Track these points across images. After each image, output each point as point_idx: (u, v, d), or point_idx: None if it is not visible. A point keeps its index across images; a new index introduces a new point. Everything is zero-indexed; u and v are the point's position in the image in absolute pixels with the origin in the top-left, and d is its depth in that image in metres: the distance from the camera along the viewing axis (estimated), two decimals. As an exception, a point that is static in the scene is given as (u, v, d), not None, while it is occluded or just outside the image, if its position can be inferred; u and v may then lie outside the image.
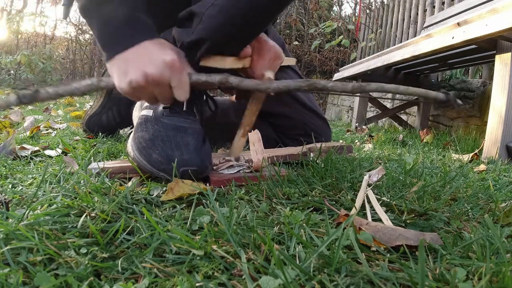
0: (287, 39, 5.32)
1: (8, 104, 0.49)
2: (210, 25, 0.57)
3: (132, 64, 0.55)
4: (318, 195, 0.55)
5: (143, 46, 0.56)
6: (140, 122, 0.67)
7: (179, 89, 0.57)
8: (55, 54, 6.80)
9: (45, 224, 0.37)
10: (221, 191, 0.55)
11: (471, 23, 1.11)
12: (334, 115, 3.99)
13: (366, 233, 0.39)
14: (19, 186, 0.55)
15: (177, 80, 0.56)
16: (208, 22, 0.57)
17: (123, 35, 0.56)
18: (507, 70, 1.12)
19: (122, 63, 0.56)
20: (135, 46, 0.55)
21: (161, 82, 0.55)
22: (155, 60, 0.54)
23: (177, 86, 0.57)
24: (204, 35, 0.58)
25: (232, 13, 0.56)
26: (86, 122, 1.07)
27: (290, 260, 0.30)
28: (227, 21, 0.56)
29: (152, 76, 0.54)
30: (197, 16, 0.58)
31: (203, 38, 0.58)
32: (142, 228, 0.39)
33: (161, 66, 0.54)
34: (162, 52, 0.55)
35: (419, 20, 2.95)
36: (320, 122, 0.92)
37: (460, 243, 0.40)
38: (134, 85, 0.55)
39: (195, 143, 0.61)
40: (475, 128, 1.84)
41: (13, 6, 7.14)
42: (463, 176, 0.78)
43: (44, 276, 0.29)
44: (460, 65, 1.96)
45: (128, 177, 0.61)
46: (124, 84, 0.55)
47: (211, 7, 0.57)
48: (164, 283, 0.30)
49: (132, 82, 0.55)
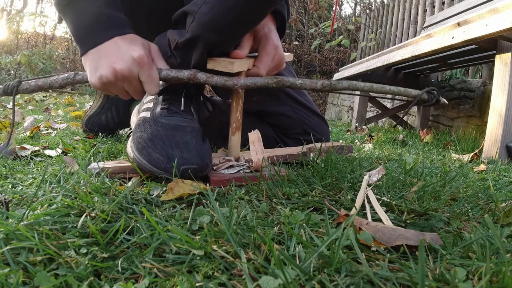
0: (287, 39, 5.32)
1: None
2: (203, 22, 0.57)
3: (103, 60, 0.57)
4: (318, 195, 0.55)
5: (114, 42, 0.58)
6: (138, 123, 0.67)
7: (148, 84, 0.59)
8: (55, 54, 6.80)
9: (45, 224, 0.37)
10: (221, 191, 0.55)
11: (471, 23, 1.11)
12: (334, 115, 3.99)
13: (366, 233, 0.39)
14: (19, 186, 0.55)
15: (146, 75, 0.58)
16: (200, 19, 0.58)
17: (95, 31, 0.58)
18: (507, 70, 1.12)
19: (93, 58, 0.58)
20: (106, 42, 0.58)
21: (130, 77, 0.58)
22: (124, 56, 0.57)
23: (146, 81, 0.59)
24: (198, 33, 0.58)
25: (224, 8, 0.56)
26: (86, 122, 1.07)
27: (290, 260, 0.30)
28: (219, 18, 0.57)
29: (121, 72, 0.57)
30: (190, 15, 0.59)
31: (197, 36, 0.58)
32: (142, 228, 0.39)
33: (129, 61, 0.57)
34: (131, 48, 0.57)
35: (419, 20, 2.95)
36: (317, 120, 0.92)
37: (460, 243, 0.40)
38: (104, 80, 0.58)
39: (195, 142, 0.61)
40: (475, 128, 1.84)
41: (13, 6, 7.15)
42: (463, 176, 0.78)
43: (44, 276, 0.29)
44: (460, 65, 1.96)
45: (128, 177, 0.61)
46: (95, 79, 0.58)
47: (203, 4, 0.57)
48: (164, 283, 0.30)
49: (102, 78, 0.57)
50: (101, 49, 0.58)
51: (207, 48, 0.60)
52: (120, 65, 0.56)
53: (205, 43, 0.59)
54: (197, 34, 0.58)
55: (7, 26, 6.25)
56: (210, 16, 0.57)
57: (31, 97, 3.40)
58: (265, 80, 0.59)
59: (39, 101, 3.10)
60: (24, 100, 2.91)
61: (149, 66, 0.58)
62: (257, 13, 0.59)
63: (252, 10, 0.58)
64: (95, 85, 0.59)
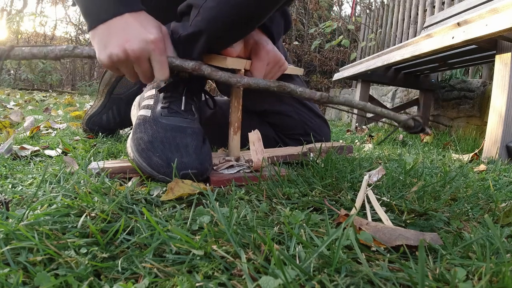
0: (287, 39, 5.33)
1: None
2: (208, 17, 0.57)
3: (113, 37, 0.55)
4: (318, 195, 0.55)
5: (125, 19, 0.56)
6: (138, 123, 0.66)
7: (159, 69, 0.58)
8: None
9: (45, 224, 0.37)
10: (221, 191, 0.55)
11: (471, 23, 1.11)
12: (334, 115, 3.99)
13: (366, 233, 0.39)
14: (19, 186, 0.55)
15: (158, 59, 0.57)
16: (206, 13, 0.57)
17: (105, 5, 0.56)
18: (507, 70, 1.12)
19: (104, 35, 0.56)
20: (116, 18, 0.55)
21: (141, 59, 0.56)
22: (138, 36, 0.55)
23: (157, 65, 0.57)
24: (201, 27, 0.58)
25: (230, 5, 0.56)
26: (86, 122, 1.07)
27: (290, 260, 0.30)
28: (225, 13, 0.56)
29: (133, 53, 0.55)
30: (195, 8, 0.58)
31: (201, 30, 0.58)
32: (142, 228, 0.39)
33: (143, 43, 0.55)
34: (146, 29, 0.55)
35: (419, 20, 2.95)
36: (319, 121, 0.92)
37: (460, 243, 0.40)
38: (115, 58, 0.55)
39: (195, 144, 0.61)
40: (475, 128, 1.84)
41: (13, 6, 7.15)
42: (463, 176, 0.78)
43: (44, 276, 0.29)
44: (460, 65, 1.96)
45: (128, 177, 0.61)
46: (104, 57, 0.56)
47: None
48: (164, 283, 0.30)
49: (112, 56, 0.55)
50: (112, 25, 0.55)
51: (209, 44, 0.60)
52: (133, 45, 0.54)
53: (208, 38, 0.59)
54: (201, 28, 0.58)
55: (7, 26, 6.25)
56: (216, 12, 0.56)
57: (31, 97, 3.40)
58: (267, 82, 0.59)
59: (39, 101, 3.10)
60: (24, 100, 2.91)
61: (161, 50, 0.56)
62: (263, 9, 0.59)
63: (260, 6, 0.57)
64: (103, 63, 0.57)
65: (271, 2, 0.58)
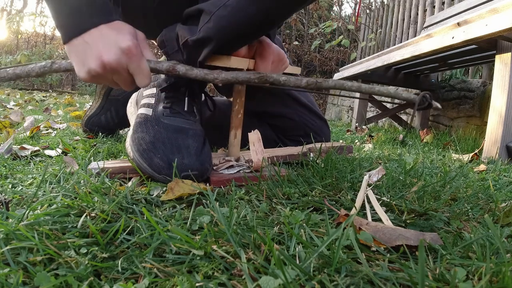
0: (287, 39, 5.33)
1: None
2: (219, 25, 0.57)
3: (88, 51, 0.54)
4: (318, 195, 0.55)
5: (99, 31, 0.54)
6: (139, 122, 0.66)
7: (138, 75, 0.56)
8: (55, 54, 6.80)
9: (45, 224, 0.37)
10: (221, 191, 0.55)
11: (471, 23, 1.11)
12: (334, 115, 3.99)
13: (366, 233, 0.39)
14: (19, 186, 0.55)
15: (135, 66, 0.55)
16: (217, 21, 0.57)
17: (78, 18, 0.54)
18: (507, 70, 1.12)
19: (78, 50, 0.55)
20: (91, 30, 0.54)
21: (119, 69, 0.54)
22: (111, 47, 0.53)
23: (136, 72, 0.55)
24: (211, 34, 0.58)
25: (242, 16, 0.56)
26: (86, 122, 1.08)
27: (290, 260, 0.30)
28: (237, 23, 0.57)
29: (110, 64, 0.53)
30: (206, 14, 0.58)
31: (210, 37, 0.58)
32: (142, 228, 0.39)
33: (118, 53, 0.53)
34: (118, 38, 0.54)
35: (419, 20, 2.95)
36: (320, 122, 0.92)
37: (460, 243, 0.40)
38: (93, 73, 0.54)
39: (196, 146, 0.61)
40: (475, 128, 1.84)
41: (13, 6, 7.15)
42: (463, 176, 0.78)
43: (44, 276, 0.29)
44: (460, 65, 1.96)
45: (128, 177, 0.61)
46: (84, 74, 0.55)
47: (222, 7, 0.57)
48: (164, 283, 0.30)
49: (91, 71, 0.54)
50: (86, 38, 0.53)
51: (216, 49, 0.60)
52: (108, 56, 0.53)
53: (217, 44, 0.59)
54: (210, 35, 0.58)
55: (7, 26, 6.25)
56: (227, 21, 0.56)
57: (31, 97, 3.40)
58: (247, 75, 0.57)
59: (39, 101, 3.10)
60: (24, 100, 2.91)
61: (138, 57, 0.54)
62: (273, 21, 0.59)
63: (270, 18, 0.58)
64: (84, 79, 0.56)
65: (280, 14, 0.59)
